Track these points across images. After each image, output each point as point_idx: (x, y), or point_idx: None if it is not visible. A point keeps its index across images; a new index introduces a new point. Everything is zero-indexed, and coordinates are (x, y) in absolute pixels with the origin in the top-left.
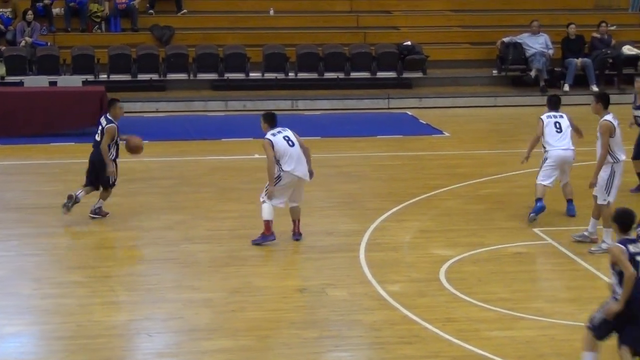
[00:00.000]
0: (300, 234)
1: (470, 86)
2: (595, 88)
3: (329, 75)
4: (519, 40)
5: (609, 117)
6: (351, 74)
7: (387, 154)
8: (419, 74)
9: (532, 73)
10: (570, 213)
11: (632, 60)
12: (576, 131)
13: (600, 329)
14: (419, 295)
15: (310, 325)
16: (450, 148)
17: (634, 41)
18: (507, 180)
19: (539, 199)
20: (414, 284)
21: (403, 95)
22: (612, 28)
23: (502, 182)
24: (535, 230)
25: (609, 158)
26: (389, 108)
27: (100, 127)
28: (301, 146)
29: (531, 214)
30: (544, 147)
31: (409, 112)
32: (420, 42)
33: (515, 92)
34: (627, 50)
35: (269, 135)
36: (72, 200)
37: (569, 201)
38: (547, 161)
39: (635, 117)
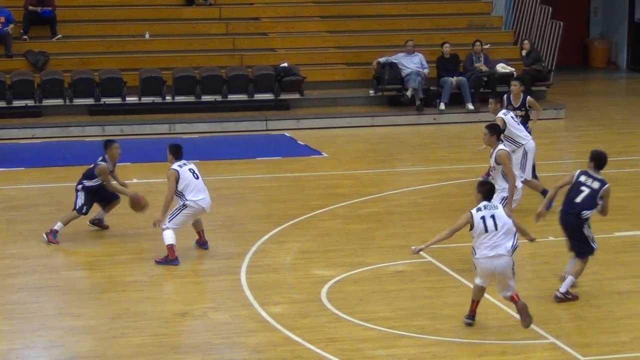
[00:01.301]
0: (206, 242)
1: (347, 106)
2: (470, 106)
3: (206, 98)
4: (394, 60)
5: (502, 146)
6: (228, 96)
7: (265, 175)
8: (296, 96)
9: (408, 92)
10: None
11: (506, 77)
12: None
13: None
14: (300, 316)
15: (193, 349)
16: (329, 168)
17: (507, 59)
18: (386, 200)
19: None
20: (296, 305)
21: (281, 116)
22: (487, 46)
23: (381, 201)
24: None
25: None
26: (266, 130)
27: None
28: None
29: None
30: (517, 142)
31: (287, 134)
32: (296, 63)
33: (392, 112)
34: (501, 68)
35: (175, 166)
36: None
37: None
38: (529, 154)
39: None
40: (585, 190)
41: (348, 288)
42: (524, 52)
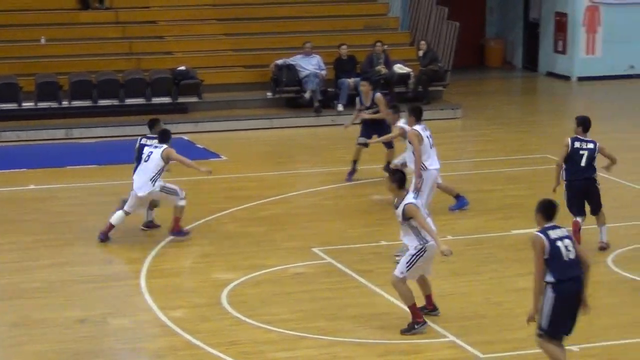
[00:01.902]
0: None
1: (245, 109)
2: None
3: (103, 102)
4: (292, 62)
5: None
6: (126, 100)
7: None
8: (194, 99)
9: (307, 94)
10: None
11: (403, 78)
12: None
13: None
14: (201, 320)
15: (94, 355)
16: (228, 171)
17: (404, 60)
18: (286, 202)
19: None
20: (197, 309)
21: (179, 120)
22: (385, 48)
23: (281, 203)
24: (315, 250)
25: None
26: None
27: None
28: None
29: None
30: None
31: (185, 137)
32: (194, 66)
33: (290, 114)
34: (399, 69)
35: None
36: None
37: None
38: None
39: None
40: (585, 154)
41: (249, 291)
42: (420, 53)
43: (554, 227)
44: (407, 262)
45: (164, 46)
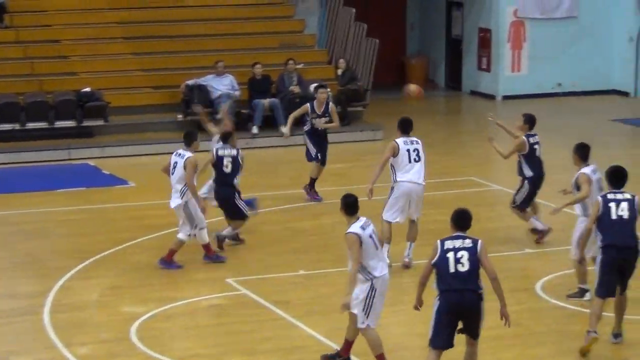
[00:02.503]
0: None
1: (155, 132)
2: (283, 129)
3: (2, 127)
4: (203, 83)
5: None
6: (27, 124)
7: (69, 208)
8: (100, 122)
9: (219, 116)
10: None
11: None
12: None
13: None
14: (109, 357)
15: None
16: (136, 199)
17: (322, 79)
18: None
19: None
20: (104, 344)
21: (84, 145)
22: (300, 66)
23: None
24: (229, 280)
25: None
26: (69, 159)
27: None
28: None
29: None
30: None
31: (91, 163)
32: (100, 88)
33: (202, 137)
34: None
35: None
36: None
37: None
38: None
39: (313, 125)
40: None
41: (160, 325)
42: (339, 72)
43: (457, 237)
44: (362, 309)
45: (68, 66)
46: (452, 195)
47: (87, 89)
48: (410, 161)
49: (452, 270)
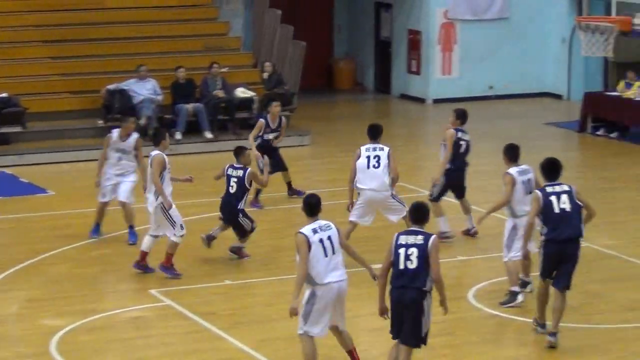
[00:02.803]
0: None
1: (75, 139)
2: (209, 135)
3: None
4: (125, 87)
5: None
6: None
7: None
8: (17, 129)
9: (142, 121)
10: None
11: (246, 103)
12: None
13: None
14: None
15: None
16: (56, 208)
17: (247, 83)
18: (119, 240)
19: None
20: (23, 359)
21: (1, 152)
22: (224, 70)
23: (114, 241)
24: (152, 291)
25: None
26: None
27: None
28: None
29: None
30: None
31: (8, 171)
32: (17, 93)
33: None
34: (241, 93)
35: None
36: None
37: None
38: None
39: (266, 140)
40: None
41: (81, 338)
42: (265, 75)
43: (411, 232)
44: (302, 314)
45: None
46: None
47: (4, 95)
48: (368, 167)
49: (401, 266)
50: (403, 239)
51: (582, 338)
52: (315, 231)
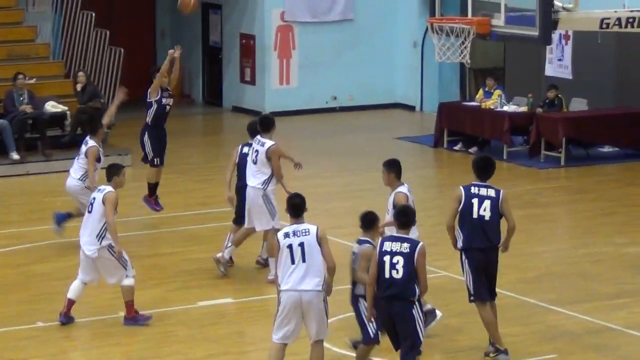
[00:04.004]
0: None
1: None
2: (15, 155)
3: None
4: None
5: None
6: None
7: None
8: None
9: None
10: None
11: (58, 118)
12: None
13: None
14: None
15: None
16: None
17: (59, 96)
18: None
19: None
20: None
21: None
22: (32, 81)
23: None
24: None
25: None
26: None
27: None
28: None
29: None
30: None
31: None
32: None
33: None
34: (51, 107)
35: None
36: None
37: None
38: None
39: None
40: None
41: None
42: (78, 87)
43: (397, 239)
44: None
45: None
46: (213, 229)
47: None
48: (247, 164)
49: (386, 275)
50: (387, 246)
51: None
52: (287, 235)
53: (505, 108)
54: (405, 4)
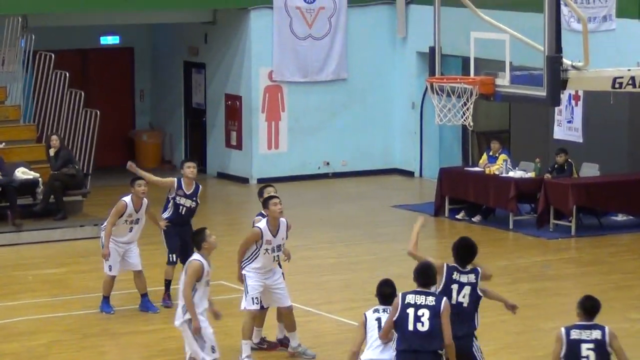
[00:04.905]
0: None
1: None
2: None
3: None
4: None
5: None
6: None
7: None
8: None
9: None
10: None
11: (29, 186)
12: None
13: None
14: None
15: None
16: None
17: (30, 162)
18: None
19: None
20: None
21: None
22: (1, 146)
23: None
24: None
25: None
26: None
27: None
28: None
29: None
30: None
31: None
32: None
33: None
34: (22, 174)
35: None
36: None
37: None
38: None
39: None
40: None
41: None
42: (52, 152)
43: (421, 293)
44: None
45: None
46: None
47: None
48: None
49: (410, 327)
50: (411, 299)
51: None
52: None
53: (511, 174)
54: (403, 63)
